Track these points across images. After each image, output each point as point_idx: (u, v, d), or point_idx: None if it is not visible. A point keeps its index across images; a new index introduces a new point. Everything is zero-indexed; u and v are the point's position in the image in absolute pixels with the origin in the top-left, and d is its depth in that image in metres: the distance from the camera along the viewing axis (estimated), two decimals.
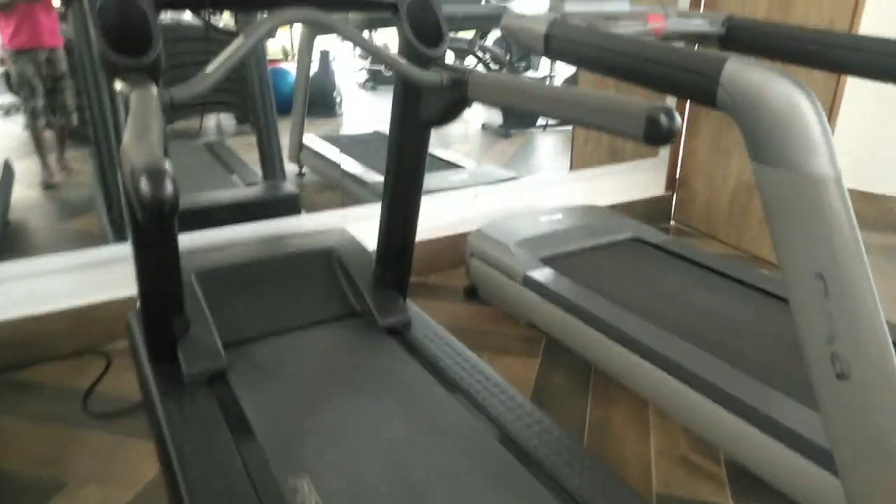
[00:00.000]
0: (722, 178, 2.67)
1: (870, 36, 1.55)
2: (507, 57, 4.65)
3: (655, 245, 2.13)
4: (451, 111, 1.31)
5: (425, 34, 1.31)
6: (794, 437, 1.25)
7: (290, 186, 2.54)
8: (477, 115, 4.69)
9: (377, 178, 2.75)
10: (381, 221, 1.64)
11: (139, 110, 0.88)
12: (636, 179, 2.88)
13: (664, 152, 2.85)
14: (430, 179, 2.76)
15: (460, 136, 4.51)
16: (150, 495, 1.35)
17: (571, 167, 3.27)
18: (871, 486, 1.10)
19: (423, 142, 1.49)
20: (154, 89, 0.97)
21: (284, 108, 3.17)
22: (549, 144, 4.40)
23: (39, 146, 2.93)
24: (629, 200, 2.80)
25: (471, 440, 1.22)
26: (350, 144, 3.37)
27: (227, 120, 3.85)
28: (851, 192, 0.98)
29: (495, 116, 4.54)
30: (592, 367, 1.77)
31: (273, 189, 2.60)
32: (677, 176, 2.89)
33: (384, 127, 1.52)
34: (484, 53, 4.12)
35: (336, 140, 3.49)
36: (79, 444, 1.50)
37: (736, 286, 1.90)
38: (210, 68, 1.06)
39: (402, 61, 1.24)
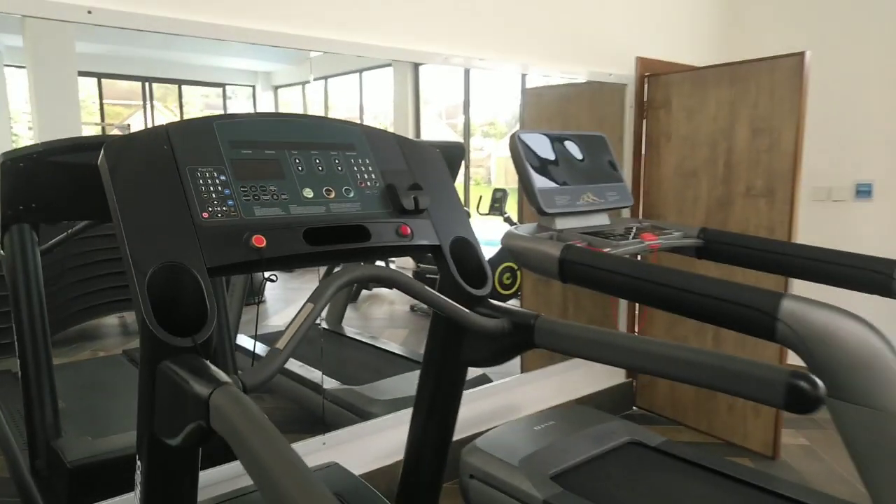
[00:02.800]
0: None
1: (819, 247, 1.72)
2: None
3: (655, 448, 2.08)
4: (506, 355, 1.24)
5: (470, 274, 1.27)
6: None
7: None
8: (403, 296, 4.67)
9: (334, 383, 2.55)
10: (407, 467, 1.47)
11: None
12: (594, 370, 2.90)
13: None
14: (403, 382, 2.63)
15: (387, 319, 4.44)
16: None
17: (522, 364, 3.21)
18: None
19: (461, 380, 1.38)
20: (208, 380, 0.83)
21: None
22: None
23: None
24: (592, 392, 2.79)
25: None
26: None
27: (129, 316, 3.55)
28: None
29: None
30: None
31: None
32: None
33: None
34: None
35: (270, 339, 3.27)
36: None
37: (743, 486, 1.86)
38: (281, 343, 0.93)
39: (459, 308, 1.17)
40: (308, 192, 1.15)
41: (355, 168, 1.23)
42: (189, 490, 1.01)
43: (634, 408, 2.94)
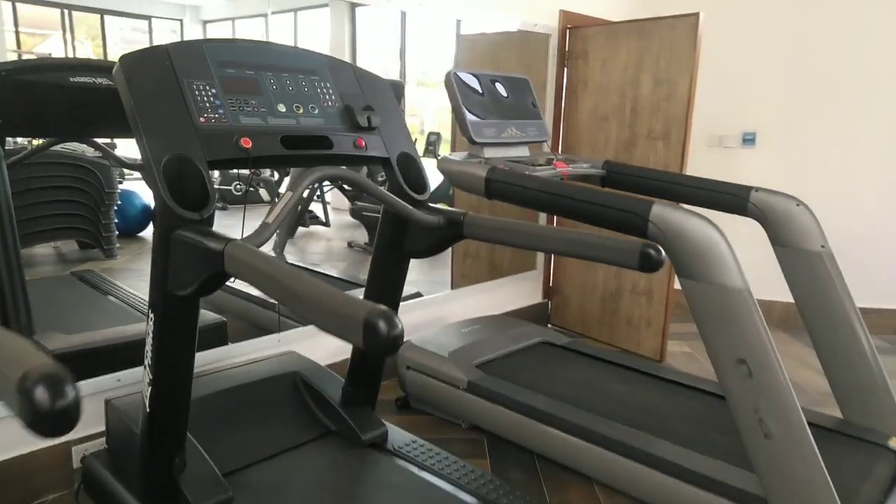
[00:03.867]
0: (590, 286, 3.16)
1: (702, 177, 2.12)
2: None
3: (563, 346, 2.48)
4: (441, 246, 1.55)
5: (412, 182, 1.56)
6: (718, 485, 1.57)
7: (214, 315, 2.44)
8: (340, 234, 4.91)
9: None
10: (354, 360, 1.78)
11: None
12: (516, 290, 3.28)
13: (540, 266, 3.30)
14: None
15: (325, 254, 4.68)
16: None
17: (452, 282, 3.59)
18: (789, 491, 1.43)
19: (403, 271, 1.69)
20: (218, 240, 1.10)
21: (134, 231, 3.10)
22: (415, 261, 4.73)
23: None
24: (512, 309, 3.17)
25: None
26: None
27: (66, 246, 3.64)
28: None
29: (358, 235, 4.81)
30: (535, 458, 2.00)
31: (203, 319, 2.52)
32: (551, 286, 3.35)
33: None
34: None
35: None
36: None
37: (633, 373, 2.28)
38: (270, 218, 1.21)
39: (406, 205, 1.47)
40: (281, 107, 1.40)
41: (319, 90, 1.49)
42: (191, 335, 1.29)
43: (549, 325, 3.35)
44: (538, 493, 1.84)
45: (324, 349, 2.26)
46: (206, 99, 1.28)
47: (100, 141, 2.38)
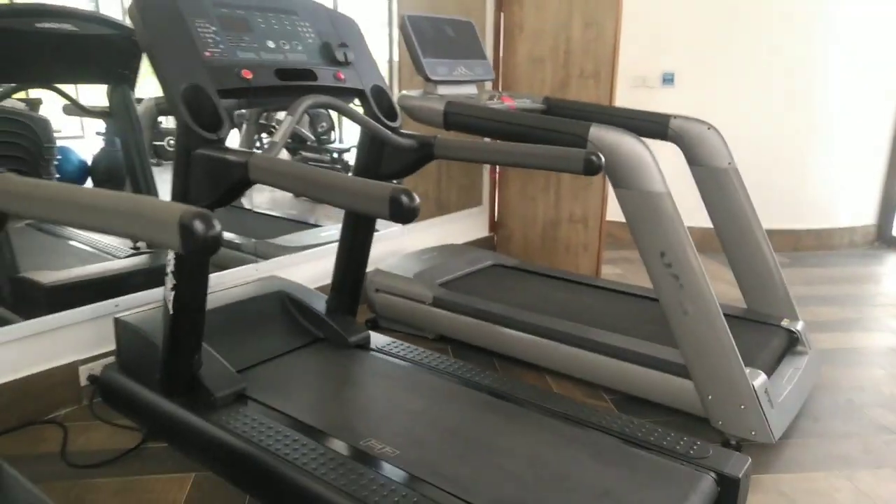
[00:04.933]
0: (532, 218, 3.46)
1: (629, 108, 2.42)
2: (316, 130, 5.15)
3: (512, 267, 2.79)
4: (413, 167, 1.78)
5: (385, 111, 1.78)
6: (648, 359, 1.92)
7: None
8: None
9: (246, 240, 2.99)
10: (339, 258, 2.01)
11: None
12: (463, 226, 3.55)
13: (485, 202, 3.58)
14: (302, 237, 3.13)
15: (270, 202, 4.82)
16: None
17: None
18: (708, 371, 1.78)
19: None
20: (240, 153, 1.31)
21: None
22: None
23: None
24: (461, 242, 3.45)
25: (466, 400, 1.66)
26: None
27: None
28: None
29: None
30: (494, 358, 2.30)
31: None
32: (496, 220, 3.64)
33: None
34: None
35: None
36: (93, 492, 1.58)
37: (573, 284, 2.61)
38: (276, 138, 1.41)
39: (384, 129, 1.69)
40: (270, 44, 1.59)
41: (300, 28, 1.67)
42: None
43: None
44: None
45: (299, 276, 2.47)
46: (208, 35, 1.46)
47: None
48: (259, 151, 1.38)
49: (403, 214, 1.00)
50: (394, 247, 3.07)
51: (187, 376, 1.62)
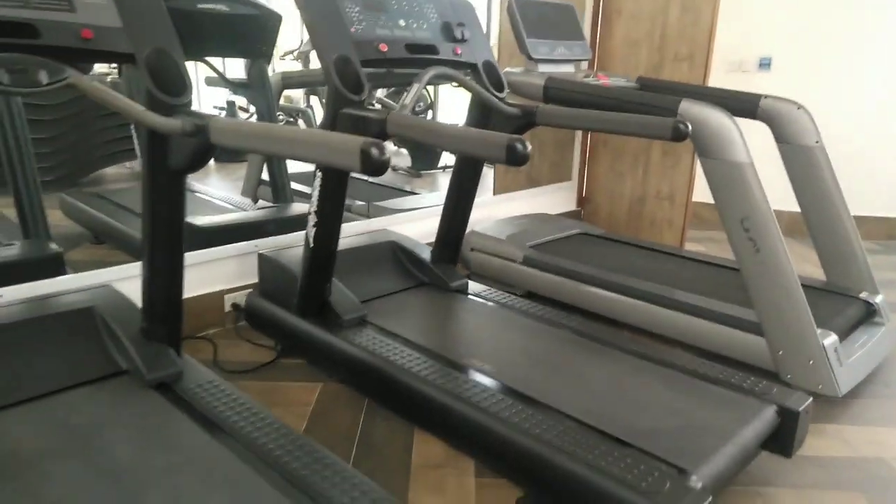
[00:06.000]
0: (619, 194, 3.62)
1: (717, 87, 2.54)
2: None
3: (598, 236, 2.98)
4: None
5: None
6: (728, 319, 2.08)
7: (53, 245, 2.30)
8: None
9: (359, 202, 3.33)
10: (444, 214, 2.28)
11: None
12: (552, 199, 3.75)
13: (574, 177, 3.77)
14: (404, 202, 3.44)
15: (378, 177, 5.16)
16: (320, 409, 1.84)
17: (494, 190, 4.07)
18: (781, 329, 1.93)
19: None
20: (378, 112, 1.58)
21: None
22: None
23: None
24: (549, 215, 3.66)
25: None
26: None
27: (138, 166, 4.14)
28: None
29: (398, 160, 5.28)
30: (578, 314, 2.51)
31: (34, 248, 2.32)
32: (584, 195, 3.82)
33: None
34: None
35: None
36: (242, 390, 1.93)
37: (657, 252, 2.78)
38: (406, 101, 1.69)
39: (496, 97, 1.92)
40: (402, 22, 1.86)
41: (425, 10, 1.94)
42: (344, 185, 1.79)
43: None
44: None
45: (408, 231, 2.77)
46: (353, 14, 1.74)
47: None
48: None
49: (517, 159, 1.24)
50: (484, 214, 3.32)
51: (320, 301, 1.95)
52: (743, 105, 2.46)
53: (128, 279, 2.02)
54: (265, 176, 3.30)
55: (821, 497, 1.52)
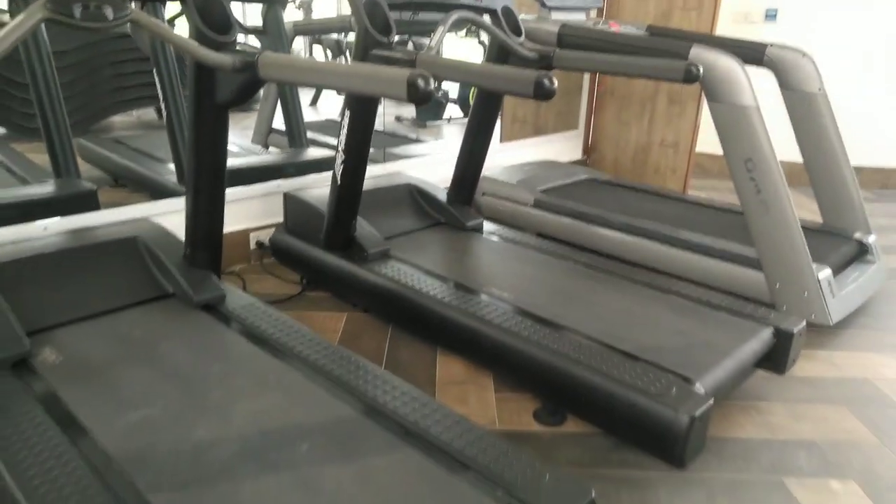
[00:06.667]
0: (625, 142, 3.71)
1: (723, 35, 2.61)
2: None
3: (604, 181, 3.09)
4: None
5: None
6: (729, 255, 2.21)
7: (87, 183, 2.37)
8: (387, 110, 5.43)
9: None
10: (461, 157, 2.38)
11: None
12: (558, 148, 3.84)
13: (581, 126, 3.85)
14: (415, 149, 3.53)
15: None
16: (348, 335, 1.97)
17: (501, 139, 4.15)
18: (778, 263, 2.05)
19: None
20: (408, 52, 1.67)
21: None
22: (458, 131, 5.29)
23: None
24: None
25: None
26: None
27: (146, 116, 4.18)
28: None
29: (404, 111, 5.33)
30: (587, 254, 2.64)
31: (69, 186, 2.39)
32: (590, 144, 3.90)
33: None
34: None
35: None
36: None
37: (661, 196, 2.89)
38: (432, 43, 1.77)
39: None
40: None
41: None
42: (370, 127, 1.88)
43: None
44: None
45: (420, 176, 2.86)
46: None
47: None
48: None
49: (545, 93, 1.33)
50: (491, 162, 3.40)
51: (346, 237, 2.06)
52: (750, 52, 2.53)
53: (158, 215, 2.13)
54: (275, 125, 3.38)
55: (810, 410, 1.67)
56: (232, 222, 2.40)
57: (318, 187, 2.31)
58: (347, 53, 4.65)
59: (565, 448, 1.49)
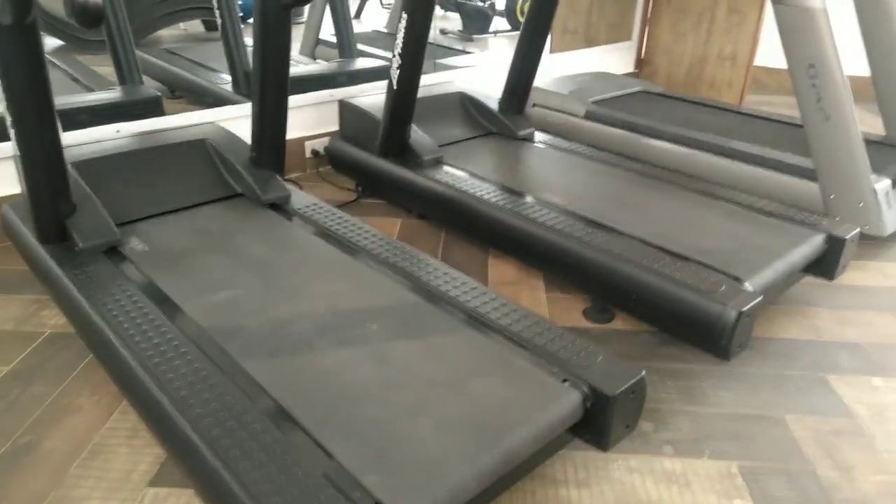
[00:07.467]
0: (680, 55, 3.59)
1: None
2: None
3: (658, 94, 3.03)
4: None
5: None
6: (784, 166, 2.18)
7: (150, 90, 2.48)
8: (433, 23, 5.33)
9: None
10: (513, 65, 2.37)
11: None
12: (611, 59, 3.75)
13: (634, 37, 3.73)
14: (460, 60, 3.50)
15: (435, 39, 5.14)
16: (402, 239, 2.06)
17: (551, 48, 4.05)
18: (835, 173, 2.03)
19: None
20: None
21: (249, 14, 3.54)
22: (505, 44, 5.18)
23: None
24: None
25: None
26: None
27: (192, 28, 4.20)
28: None
29: (447, 24, 5.22)
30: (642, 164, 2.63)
31: (136, 91, 2.50)
32: (642, 56, 3.79)
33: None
34: None
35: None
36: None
37: (717, 109, 2.83)
38: None
39: None
40: None
41: None
42: (425, 38, 1.89)
43: None
44: None
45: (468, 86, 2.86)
46: None
47: None
48: None
49: None
50: (544, 72, 3.36)
51: (401, 143, 2.11)
52: None
53: (218, 122, 2.20)
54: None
55: (857, 316, 1.70)
56: (288, 131, 2.46)
57: (373, 94, 2.35)
58: None
59: (615, 343, 1.57)
